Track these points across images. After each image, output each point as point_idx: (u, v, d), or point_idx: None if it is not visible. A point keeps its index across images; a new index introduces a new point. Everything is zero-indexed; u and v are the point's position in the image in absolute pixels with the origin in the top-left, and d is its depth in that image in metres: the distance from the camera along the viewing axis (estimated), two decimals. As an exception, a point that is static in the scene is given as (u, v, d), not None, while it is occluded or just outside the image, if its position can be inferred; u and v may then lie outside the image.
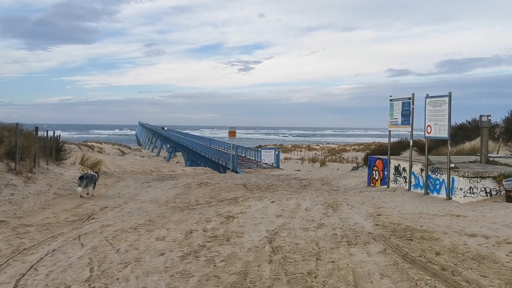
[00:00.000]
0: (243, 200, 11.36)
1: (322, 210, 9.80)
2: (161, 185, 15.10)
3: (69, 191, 12.57)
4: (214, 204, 10.77)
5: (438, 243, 7.04)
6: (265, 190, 13.78)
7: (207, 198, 11.91)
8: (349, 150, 74.01)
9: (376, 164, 14.80)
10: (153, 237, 7.21)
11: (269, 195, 12.21)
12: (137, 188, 14.20)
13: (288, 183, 16.12)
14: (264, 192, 13.06)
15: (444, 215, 9.15)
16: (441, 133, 11.36)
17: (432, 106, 11.62)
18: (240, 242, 6.87)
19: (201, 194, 12.77)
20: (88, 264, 5.68)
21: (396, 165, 13.59)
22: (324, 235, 7.45)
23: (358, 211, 9.85)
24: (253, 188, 14.27)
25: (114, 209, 10.02)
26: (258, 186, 14.86)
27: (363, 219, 8.96)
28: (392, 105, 13.66)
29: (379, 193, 12.58)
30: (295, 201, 10.93)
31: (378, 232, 7.80)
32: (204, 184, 15.29)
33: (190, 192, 13.28)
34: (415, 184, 12.52)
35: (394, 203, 10.88)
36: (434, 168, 11.76)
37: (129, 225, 8.18)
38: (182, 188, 14.18)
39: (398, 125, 13.33)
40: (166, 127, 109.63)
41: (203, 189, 13.99)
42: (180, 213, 9.52)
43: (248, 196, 12.10)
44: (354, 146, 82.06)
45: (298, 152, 74.44)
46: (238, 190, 13.55)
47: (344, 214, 9.51)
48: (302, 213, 9.37)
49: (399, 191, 12.77)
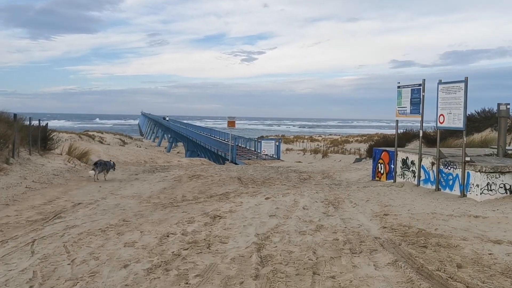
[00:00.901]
0: (234, 196, 10.26)
1: (321, 209, 8.70)
2: (149, 178, 14.01)
3: (45, 184, 11.51)
4: (202, 201, 9.68)
5: (458, 251, 5.95)
6: (261, 184, 12.68)
7: (196, 193, 10.82)
8: (351, 141, 72.86)
9: (381, 156, 13.67)
10: (121, 242, 6.12)
11: (264, 190, 11.11)
12: (123, 181, 13.12)
13: (286, 176, 15.02)
14: (259, 187, 11.96)
15: (460, 216, 8.04)
16: (455, 123, 10.22)
17: (445, 93, 10.46)
18: (223, 250, 5.78)
19: (190, 188, 11.68)
20: (29, 281, 4.60)
21: (404, 158, 12.46)
22: (323, 241, 6.36)
23: (363, 210, 8.75)
24: (248, 182, 13.17)
25: (87, 206, 8.93)
26: (254, 179, 13.76)
27: (368, 220, 7.86)
28: (400, 93, 12.50)
29: (385, 189, 11.47)
30: (292, 198, 9.83)
31: (386, 236, 6.71)
32: (196, 177, 14.21)
33: (179, 186, 12.20)
34: (425, 179, 11.40)
35: (403, 201, 9.77)
36: (446, 161, 10.64)
37: (99, 226, 7.09)
38: (171, 181, 13.09)
39: (406, 114, 12.19)
40: (167, 117, 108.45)
41: (193, 182, 12.91)
42: (161, 211, 8.44)
43: (241, 191, 11.01)
44: (357, 137, 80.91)
45: (300, 143, 73.25)
46: (231, 184, 12.46)
47: (346, 213, 8.42)
48: (299, 212, 8.27)
49: (407, 186, 11.65)
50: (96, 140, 76.73)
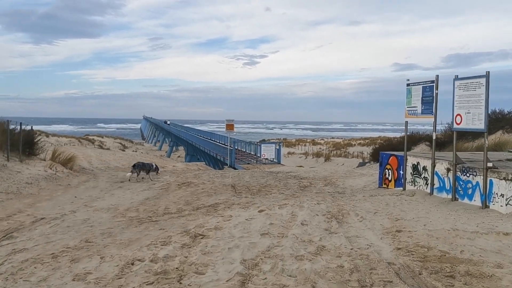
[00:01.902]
0: (224, 208, 9.03)
1: (323, 224, 7.47)
2: (135, 186, 12.80)
3: (12, 194, 10.31)
4: (186, 214, 8.45)
5: (494, 284, 4.71)
6: (256, 193, 11.45)
7: (182, 204, 9.60)
8: (354, 145, 71.72)
9: (389, 161, 12.43)
10: (72, 273, 4.90)
11: (258, 201, 9.88)
12: (103, 190, 11.91)
13: (285, 184, 13.79)
14: (254, 196, 10.73)
15: (487, 233, 6.80)
16: (475, 123, 8.97)
17: (463, 90, 9.23)
18: (198, 284, 4.56)
19: (176, 198, 10.46)
20: None
21: (415, 163, 11.22)
22: (325, 268, 5.13)
23: (371, 225, 7.52)
24: (242, 190, 11.95)
25: (50, 222, 7.71)
26: (249, 187, 12.53)
27: (378, 238, 6.63)
28: (409, 91, 11.28)
29: (394, 198, 10.22)
30: (289, 210, 8.59)
31: (402, 261, 5.47)
32: (186, 184, 12.98)
33: (165, 195, 10.98)
34: (439, 187, 10.16)
35: (416, 213, 8.53)
36: (464, 167, 9.40)
37: (53, 249, 5.87)
38: (157, 190, 11.88)
39: (417, 115, 10.95)
40: (168, 121, 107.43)
41: (182, 191, 11.68)
42: (134, 229, 7.21)
43: (232, 202, 9.77)
44: (360, 140, 79.88)
45: (302, 146, 72.14)
46: (223, 193, 11.23)
47: (352, 230, 7.18)
48: (296, 229, 7.03)
49: (419, 195, 10.41)
50: (96, 144, 75.80)
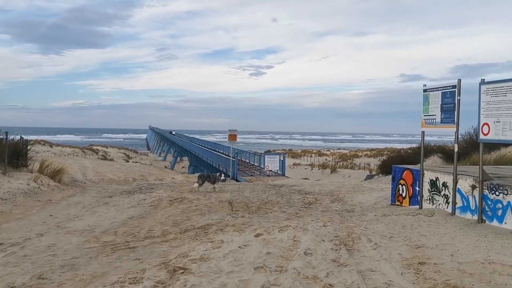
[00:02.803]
0: (216, 230, 7.86)
1: (330, 253, 6.27)
2: (122, 202, 11.66)
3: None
4: (171, 238, 7.28)
5: None
6: (255, 211, 10.26)
7: (168, 225, 8.43)
8: (361, 156, 70.55)
9: (403, 176, 11.21)
10: (1, 328, 3.75)
11: (256, 221, 8.69)
12: (86, 207, 10.76)
13: (288, 200, 12.59)
14: (252, 216, 9.55)
15: (531, 268, 5.58)
16: (506, 134, 7.76)
17: (491, 95, 8.04)
18: None
19: (164, 217, 9.29)
20: None
21: (433, 179, 9.99)
22: (334, 321, 3.94)
23: (387, 254, 6.31)
24: (240, 207, 10.77)
25: (6, 250, 6.53)
26: (248, 204, 11.34)
27: (398, 274, 5.43)
28: (426, 97, 10.09)
29: (411, 219, 9.00)
30: (291, 234, 7.39)
31: (432, 309, 4.27)
32: (179, 200, 11.81)
33: (152, 213, 9.82)
34: (462, 206, 8.93)
35: (439, 238, 7.31)
36: (493, 185, 8.18)
37: (-8, 290, 4.72)
38: (145, 207, 10.72)
39: (435, 124, 9.75)
40: (174, 131, 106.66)
41: (173, 208, 10.51)
42: (105, 258, 6.05)
43: (226, 222, 8.59)
44: (366, 151, 78.75)
45: (308, 157, 70.94)
46: (218, 211, 10.05)
47: (365, 261, 5.99)
48: (298, 260, 5.83)
49: (439, 215, 9.18)
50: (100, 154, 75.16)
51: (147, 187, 16.31)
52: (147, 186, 16.83)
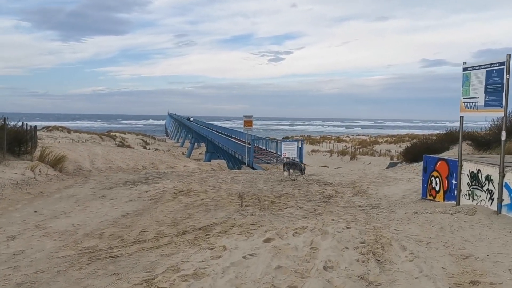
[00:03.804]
0: (220, 231, 6.68)
1: (356, 267, 5.04)
2: (121, 194, 10.57)
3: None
4: (165, 243, 6.13)
5: None
6: (267, 206, 9.06)
7: (166, 224, 7.27)
8: (381, 142, 68.88)
9: (436, 167, 9.85)
10: None
11: (267, 220, 7.48)
12: (79, 200, 9.69)
13: (305, 192, 11.37)
14: (264, 212, 8.34)
15: None
16: None
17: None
18: None
19: (163, 214, 8.14)
20: None
21: (474, 171, 8.63)
22: None
23: (428, 268, 5.05)
24: (250, 202, 9.58)
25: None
26: (260, 197, 10.14)
27: (446, 300, 4.18)
28: (467, 77, 8.69)
29: (448, 218, 7.69)
30: (308, 238, 6.17)
31: None
32: (184, 192, 10.68)
33: (151, 209, 8.69)
34: (511, 204, 7.59)
35: (488, 245, 6.01)
36: (551, 180, 6.81)
37: None
38: (146, 201, 9.62)
39: (478, 108, 8.36)
40: (192, 117, 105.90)
41: (175, 203, 9.37)
42: (76, 272, 4.91)
43: (233, 221, 7.40)
44: (386, 138, 76.91)
45: (327, 144, 69.45)
46: (225, 207, 8.88)
47: (401, 278, 4.75)
48: (316, 279, 4.61)
49: (482, 214, 7.84)
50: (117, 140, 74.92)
51: (155, 177, 15.24)
52: (155, 175, 15.76)
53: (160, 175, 15.84)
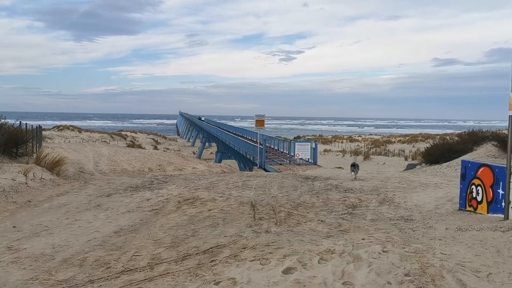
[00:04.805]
0: (229, 255, 5.50)
1: (408, 315, 3.82)
2: (119, 203, 9.44)
3: None
4: (159, 273, 4.95)
5: None
6: (284, 220, 7.86)
7: (164, 245, 6.10)
8: (394, 142, 67.39)
9: (478, 174, 8.58)
10: None
11: (286, 240, 6.27)
12: (70, 211, 8.56)
13: (325, 200, 10.16)
14: (280, 229, 7.14)
15: None
16: None
17: None
18: None
19: (163, 230, 6.98)
20: None
21: (527, 180, 7.36)
22: None
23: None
24: (264, 213, 8.39)
25: None
26: (275, 208, 8.95)
27: None
28: (518, 70, 7.42)
29: (501, 237, 6.44)
30: (338, 267, 4.97)
31: None
32: (190, 201, 9.53)
33: (150, 223, 7.53)
34: None
35: None
36: None
37: None
38: (145, 212, 8.47)
39: (533, 106, 7.09)
40: (203, 117, 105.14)
41: (179, 214, 8.21)
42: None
43: (245, 241, 6.21)
44: (399, 137, 75.34)
45: (339, 143, 68.10)
46: (235, 221, 7.70)
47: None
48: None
49: (541, 232, 6.58)
50: (128, 140, 74.21)
51: (160, 181, 14.11)
52: (161, 179, 14.64)
53: (166, 179, 14.71)
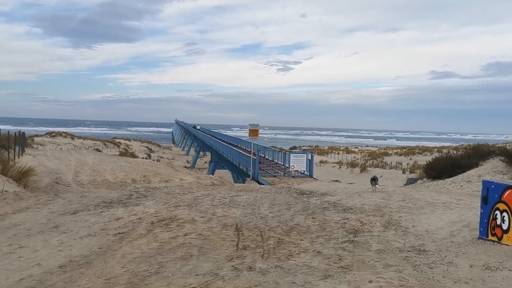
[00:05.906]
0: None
1: None
2: (82, 224, 8.08)
3: None
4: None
5: None
6: (273, 249, 6.52)
7: (117, 288, 4.75)
8: (391, 154, 66.40)
9: (503, 197, 7.27)
10: None
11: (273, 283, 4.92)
12: (18, 234, 7.20)
13: (323, 223, 8.83)
14: (266, 263, 5.79)
15: None
16: None
17: None
18: None
19: (121, 264, 5.62)
20: None
21: None
22: None
23: None
24: (250, 239, 7.04)
25: None
26: (264, 232, 7.61)
27: None
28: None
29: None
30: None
31: None
32: (165, 223, 8.18)
33: (109, 253, 6.18)
34: None
35: None
36: None
37: None
38: (109, 237, 7.12)
39: None
40: (198, 125, 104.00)
41: (147, 241, 6.85)
42: None
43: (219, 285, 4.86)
44: (396, 149, 74.41)
45: (335, 154, 66.96)
46: (214, 250, 6.36)
47: None
48: None
49: None
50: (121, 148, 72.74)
51: (141, 194, 12.77)
52: (142, 192, 13.30)
53: (148, 192, 13.37)
